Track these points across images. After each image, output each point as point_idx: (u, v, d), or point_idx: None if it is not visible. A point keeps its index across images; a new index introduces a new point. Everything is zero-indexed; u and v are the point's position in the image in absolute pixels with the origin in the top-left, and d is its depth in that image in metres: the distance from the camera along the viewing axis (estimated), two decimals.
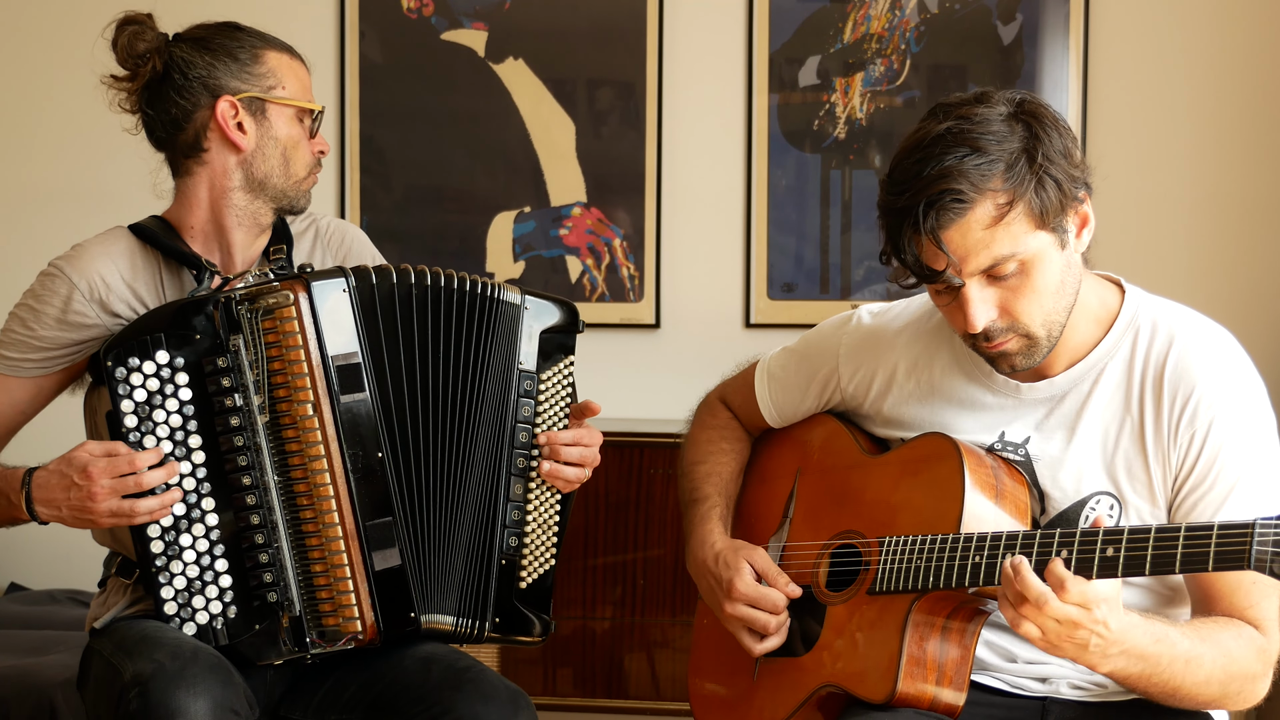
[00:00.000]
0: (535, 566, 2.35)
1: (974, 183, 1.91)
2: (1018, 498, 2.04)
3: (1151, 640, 1.89)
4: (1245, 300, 3.88)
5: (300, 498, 2.20)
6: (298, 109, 2.35)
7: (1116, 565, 1.82)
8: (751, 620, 2.19)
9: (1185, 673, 1.91)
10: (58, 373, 2.32)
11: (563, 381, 2.36)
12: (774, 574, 2.21)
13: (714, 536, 2.29)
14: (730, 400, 2.45)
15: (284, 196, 2.36)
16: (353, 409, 2.22)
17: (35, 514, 2.19)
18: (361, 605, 2.22)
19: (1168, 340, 2.04)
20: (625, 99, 4.04)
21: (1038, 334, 1.99)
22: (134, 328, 2.20)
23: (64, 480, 2.15)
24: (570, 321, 2.38)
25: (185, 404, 2.18)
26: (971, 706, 2.05)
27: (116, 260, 2.31)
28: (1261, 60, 3.89)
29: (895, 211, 1.95)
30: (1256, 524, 1.73)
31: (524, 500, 2.33)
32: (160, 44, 2.33)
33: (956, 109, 1.97)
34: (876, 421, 2.24)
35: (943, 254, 1.93)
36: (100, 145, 4.08)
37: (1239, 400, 2.01)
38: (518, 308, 2.33)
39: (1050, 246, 1.97)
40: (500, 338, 2.31)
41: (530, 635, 2.35)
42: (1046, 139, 1.95)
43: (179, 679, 2.03)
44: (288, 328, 2.19)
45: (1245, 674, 1.96)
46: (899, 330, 2.23)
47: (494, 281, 2.32)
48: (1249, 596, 1.97)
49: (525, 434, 2.32)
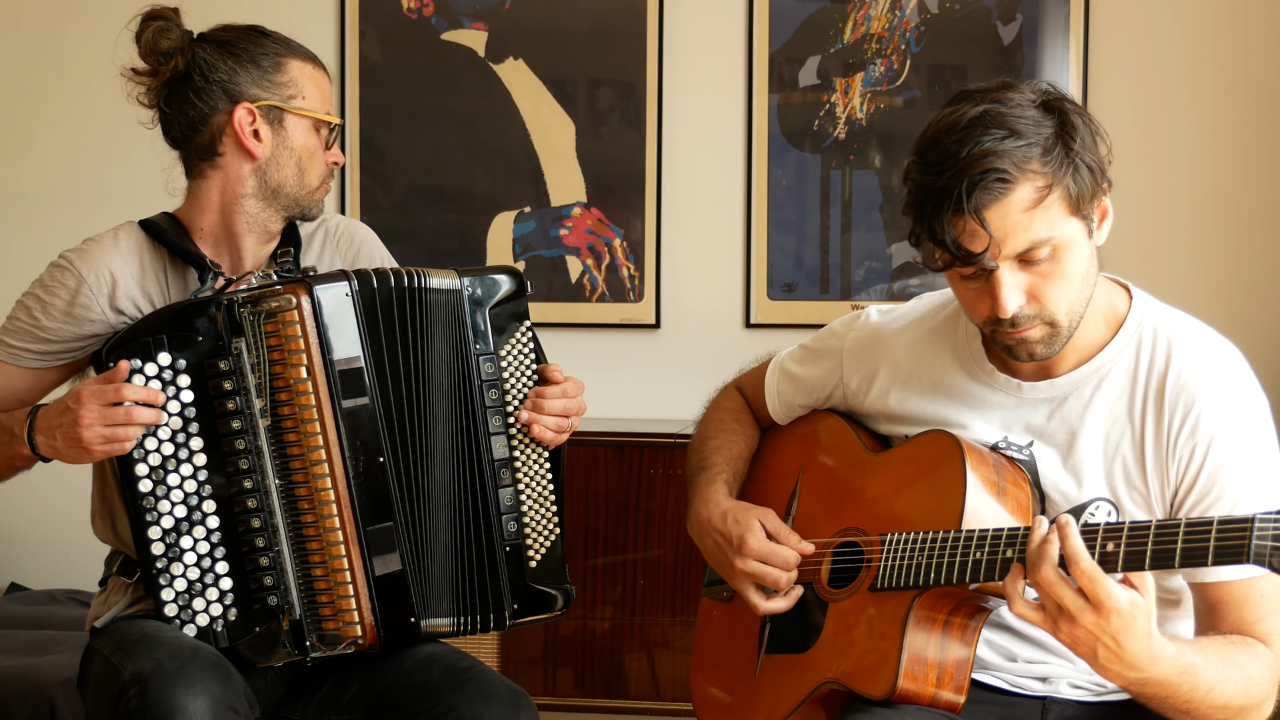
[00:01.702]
0: (541, 542, 2.33)
1: (1016, 163, 1.91)
2: (1019, 496, 2.04)
3: (1177, 672, 1.85)
4: (1245, 300, 3.88)
5: (301, 501, 2.20)
6: (315, 120, 2.34)
7: (1116, 560, 1.80)
8: (763, 576, 2.17)
9: (1205, 699, 1.89)
10: (57, 368, 2.33)
11: (523, 350, 2.33)
12: (785, 533, 2.19)
13: (720, 496, 2.28)
14: (745, 390, 2.46)
15: (296, 205, 2.36)
16: (354, 413, 2.22)
17: (34, 443, 2.18)
18: (361, 610, 2.22)
19: (1170, 351, 2.03)
20: (625, 99, 4.04)
21: (1061, 321, 1.99)
22: (136, 328, 2.20)
23: (59, 406, 2.15)
24: (517, 288, 2.32)
25: (187, 406, 2.18)
26: (972, 705, 2.05)
27: (126, 256, 2.31)
28: (1261, 60, 3.90)
29: (934, 191, 1.93)
30: (1256, 518, 1.72)
31: (513, 483, 2.31)
32: (184, 43, 2.31)
33: (988, 94, 1.96)
34: (879, 420, 2.24)
35: (983, 233, 1.91)
36: (101, 144, 4.08)
37: (1240, 416, 2.00)
38: (458, 291, 2.29)
39: (1080, 234, 1.97)
40: (456, 325, 2.28)
41: (552, 610, 2.34)
42: (1078, 127, 1.95)
43: (178, 677, 2.03)
44: (290, 331, 2.18)
45: (1261, 697, 1.93)
46: (902, 329, 2.24)
47: (436, 271, 2.29)
48: (1257, 610, 1.95)
49: (498, 418, 2.30)
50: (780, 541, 2.19)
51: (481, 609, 2.30)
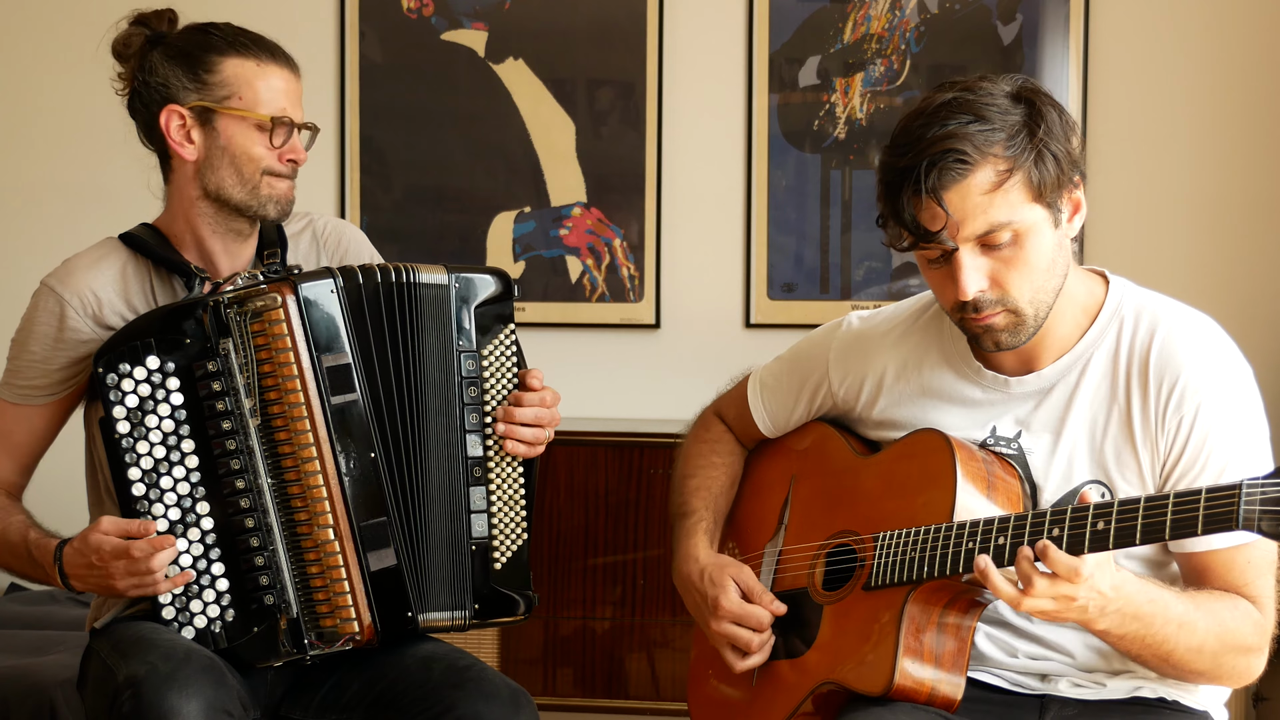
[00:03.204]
0: (508, 545, 2.32)
1: (977, 145, 1.94)
2: (1010, 490, 2.05)
3: (1146, 599, 1.90)
4: (1245, 300, 3.88)
5: (294, 499, 2.20)
6: (257, 119, 2.30)
7: (1108, 538, 1.83)
8: (735, 638, 2.20)
9: (1178, 636, 1.92)
10: (67, 395, 2.32)
11: (506, 353, 2.32)
12: (759, 591, 2.22)
13: (699, 550, 2.30)
14: (724, 413, 2.45)
15: (246, 207, 2.31)
16: (344, 410, 2.22)
17: (71, 587, 2.21)
18: (358, 606, 2.22)
19: (1151, 328, 2.05)
20: (625, 99, 4.04)
21: (1025, 310, 2.00)
22: (124, 334, 2.20)
23: (85, 560, 2.16)
24: (504, 290, 2.32)
25: (177, 409, 2.18)
26: (970, 703, 2.05)
27: (106, 273, 2.30)
28: (1261, 60, 3.89)
29: (897, 171, 1.97)
30: (1244, 483, 1.75)
31: (485, 481, 2.30)
32: (139, 47, 2.30)
33: (961, 82, 2.01)
34: (868, 425, 2.24)
35: (941, 214, 1.94)
36: (97, 143, 4.08)
37: (1225, 384, 2.02)
38: (446, 288, 2.28)
39: (1044, 222, 1.99)
40: (441, 322, 2.28)
41: (513, 615, 2.33)
42: (1047, 117, 1.98)
43: (171, 681, 2.03)
44: (276, 330, 2.18)
45: (1239, 645, 1.96)
46: (886, 332, 2.24)
47: (425, 266, 2.28)
48: (1244, 574, 1.98)
49: (475, 416, 2.30)
50: (754, 600, 2.21)
51: (457, 606, 2.30)
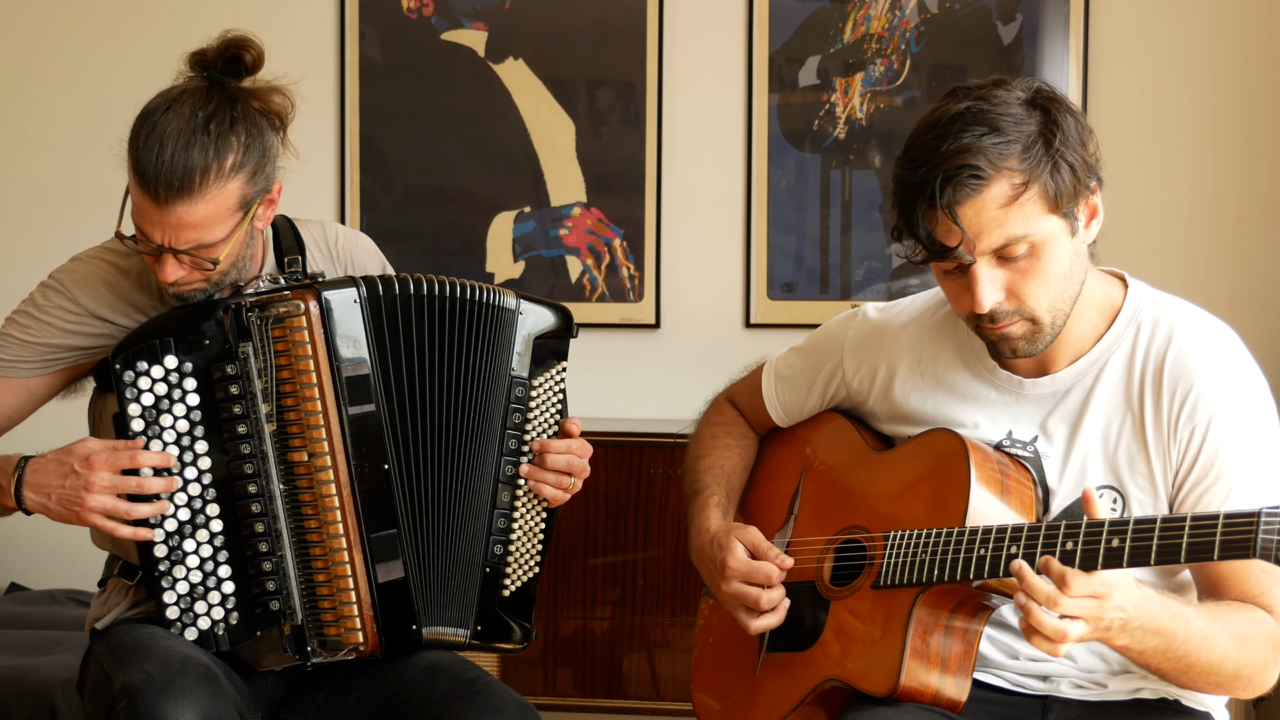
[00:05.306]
0: (519, 575, 2.33)
1: (991, 160, 1.92)
2: (1023, 494, 2.04)
3: (1168, 616, 1.88)
4: (1245, 300, 3.88)
5: (305, 507, 2.19)
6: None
7: (1122, 556, 1.81)
8: (744, 596, 2.17)
9: (1199, 651, 1.90)
10: (53, 374, 2.29)
11: (554, 388, 2.35)
12: (765, 548, 2.19)
13: (711, 521, 2.28)
14: (738, 400, 2.45)
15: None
16: (360, 420, 2.21)
17: (22, 499, 2.15)
18: (364, 616, 2.21)
19: (1168, 335, 2.04)
20: (625, 99, 4.03)
21: (1043, 319, 1.99)
22: (143, 331, 2.19)
23: (62, 467, 2.13)
24: (565, 326, 2.35)
25: (192, 409, 2.18)
26: (972, 704, 2.05)
27: (115, 271, 2.29)
28: (1261, 60, 3.90)
29: (911, 186, 1.96)
30: (1263, 513, 1.73)
31: (510, 508, 2.31)
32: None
33: (975, 91, 1.98)
34: (881, 418, 2.24)
35: (956, 229, 1.93)
36: (97, 143, 4.07)
37: (1239, 395, 2.01)
38: (514, 313, 2.31)
39: (1061, 232, 1.97)
40: (496, 344, 2.29)
41: (510, 642, 2.34)
42: (1063, 125, 1.96)
43: (166, 690, 2.02)
44: (297, 337, 2.18)
45: (1258, 659, 1.95)
46: (903, 325, 2.23)
47: (491, 286, 2.30)
48: (1259, 584, 1.96)
49: (514, 441, 2.30)
50: (761, 558, 2.18)
51: (463, 623, 2.30)
